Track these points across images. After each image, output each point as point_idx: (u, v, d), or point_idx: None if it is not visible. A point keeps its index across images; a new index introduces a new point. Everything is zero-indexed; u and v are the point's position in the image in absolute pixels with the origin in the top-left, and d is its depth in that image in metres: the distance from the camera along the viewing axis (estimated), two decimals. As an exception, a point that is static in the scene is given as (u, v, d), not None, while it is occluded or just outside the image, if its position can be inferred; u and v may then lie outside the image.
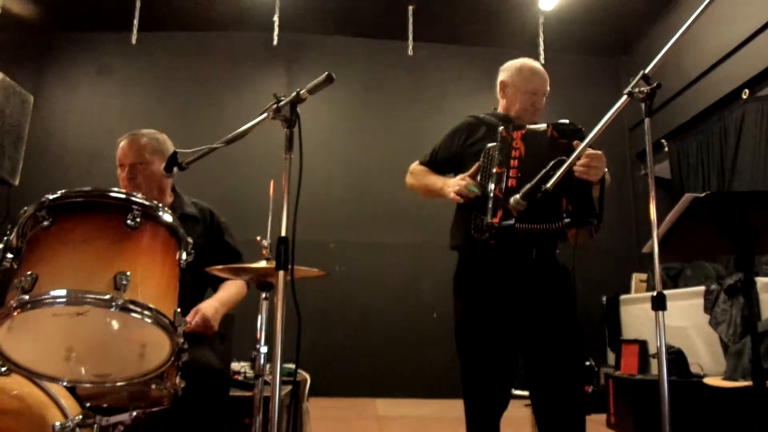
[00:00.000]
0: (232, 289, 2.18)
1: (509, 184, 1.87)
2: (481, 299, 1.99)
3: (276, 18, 5.78)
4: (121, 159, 2.13)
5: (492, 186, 1.91)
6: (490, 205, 1.89)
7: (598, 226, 1.87)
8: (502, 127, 1.97)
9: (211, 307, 2.02)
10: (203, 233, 2.18)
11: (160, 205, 1.43)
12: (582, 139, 1.83)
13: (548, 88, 2.22)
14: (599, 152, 1.86)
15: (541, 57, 6.03)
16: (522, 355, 1.98)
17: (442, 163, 2.19)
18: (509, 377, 1.98)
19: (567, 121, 1.93)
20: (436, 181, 2.16)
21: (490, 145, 1.99)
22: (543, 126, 1.95)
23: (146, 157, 2.12)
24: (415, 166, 2.29)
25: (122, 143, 2.16)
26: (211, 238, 2.22)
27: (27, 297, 1.20)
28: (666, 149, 5.57)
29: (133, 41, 5.82)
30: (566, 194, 1.81)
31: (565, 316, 1.96)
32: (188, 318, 1.90)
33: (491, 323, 1.96)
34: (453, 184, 2.01)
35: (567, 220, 1.81)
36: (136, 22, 5.75)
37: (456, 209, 2.15)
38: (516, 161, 1.90)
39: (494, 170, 1.92)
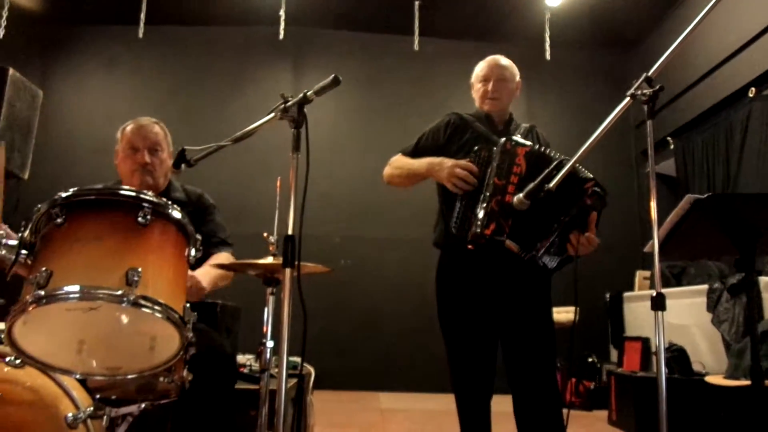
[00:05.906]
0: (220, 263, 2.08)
1: (506, 200, 1.85)
2: (462, 298, 2.02)
3: (282, 12, 5.80)
4: (135, 142, 2.14)
5: (488, 194, 1.87)
6: (481, 214, 1.86)
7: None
8: (505, 139, 1.92)
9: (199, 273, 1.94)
10: (187, 214, 2.16)
11: (170, 203, 1.46)
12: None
13: (505, 73, 2.19)
14: (597, 240, 1.89)
15: (547, 53, 6.03)
16: (502, 350, 2.02)
17: (427, 154, 2.12)
18: (492, 366, 2.01)
19: (591, 176, 1.89)
20: (422, 162, 2.08)
21: (486, 151, 1.94)
22: (556, 155, 1.89)
23: (162, 145, 2.18)
24: (397, 157, 2.23)
25: (133, 127, 2.17)
26: (198, 220, 2.16)
27: (42, 293, 1.23)
28: (671, 147, 5.56)
29: (140, 35, 5.86)
30: (548, 235, 1.86)
31: (541, 315, 2.02)
32: None
33: (472, 322, 2.00)
34: (450, 171, 1.93)
35: (526, 255, 1.87)
36: (143, 16, 5.78)
37: (440, 205, 2.14)
38: (516, 178, 1.86)
39: (494, 180, 1.87)
